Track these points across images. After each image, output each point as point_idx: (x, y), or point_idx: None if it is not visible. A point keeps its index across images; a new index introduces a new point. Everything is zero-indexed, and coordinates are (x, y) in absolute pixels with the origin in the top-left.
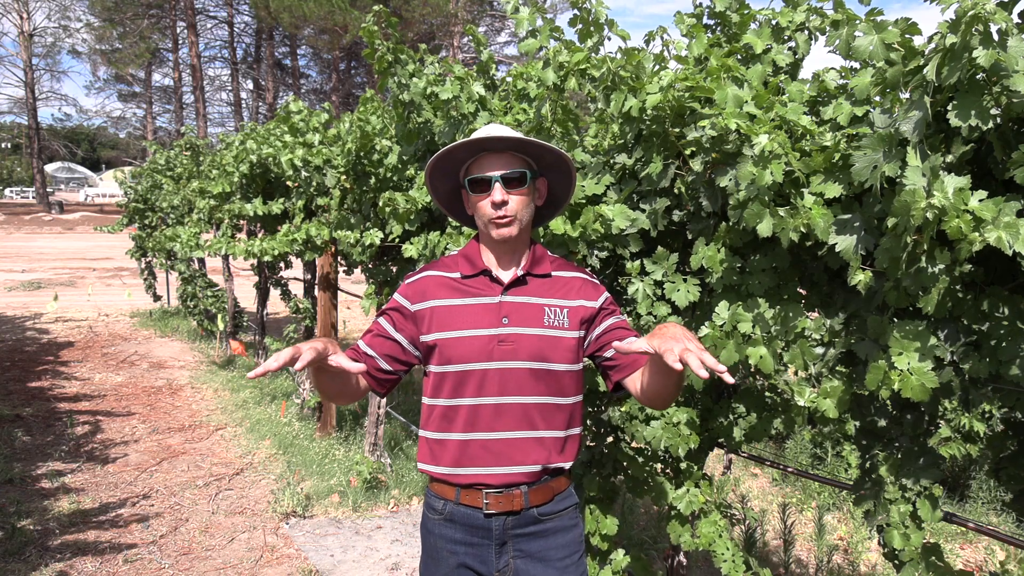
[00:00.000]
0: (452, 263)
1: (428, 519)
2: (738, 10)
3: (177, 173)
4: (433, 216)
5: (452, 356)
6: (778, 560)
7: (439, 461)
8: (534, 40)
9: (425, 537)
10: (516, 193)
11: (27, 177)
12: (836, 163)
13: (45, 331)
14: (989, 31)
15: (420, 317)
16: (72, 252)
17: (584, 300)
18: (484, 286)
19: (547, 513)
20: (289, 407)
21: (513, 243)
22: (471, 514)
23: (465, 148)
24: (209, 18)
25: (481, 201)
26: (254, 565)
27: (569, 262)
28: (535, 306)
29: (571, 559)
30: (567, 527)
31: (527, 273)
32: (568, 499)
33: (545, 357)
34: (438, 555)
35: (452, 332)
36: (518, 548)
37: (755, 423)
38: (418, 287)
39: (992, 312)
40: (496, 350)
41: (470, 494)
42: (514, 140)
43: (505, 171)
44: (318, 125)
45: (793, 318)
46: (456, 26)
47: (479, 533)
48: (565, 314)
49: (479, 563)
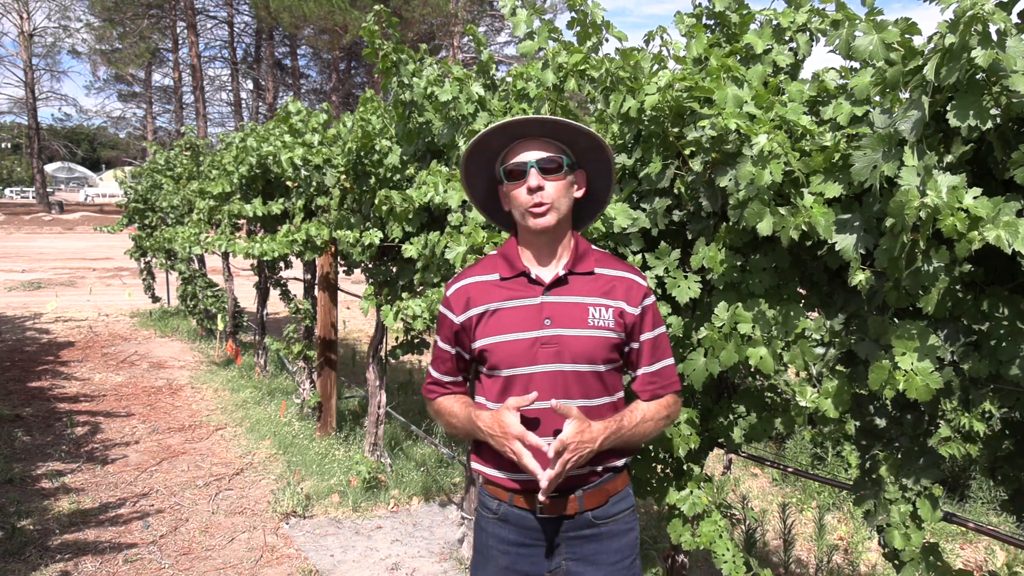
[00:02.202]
0: (491, 264)
1: (482, 517)
2: (737, 10)
3: (177, 173)
4: (433, 216)
5: (497, 361)
6: (778, 560)
7: (494, 465)
8: (532, 42)
9: (478, 534)
10: (553, 179)
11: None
12: (836, 163)
13: (45, 331)
14: (988, 31)
15: (467, 326)
16: (72, 252)
17: (626, 304)
18: (524, 287)
19: (602, 517)
20: (289, 407)
21: (552, 236)
22: (524, 516)
23: (498, 133)
24: (209, 18)
25: (517, 189)
26: (254, 565)
27: (615, 257)
28: (578, 306)
29: (623, 563)
30: (622, 531)
31: (569, 272)
32: (624, 501)
33: (591, 358)
34: (488, 553)
35: (495, 337)
36: (571, 551)
37: (755, 423)
38: (460, 295)
39: (992, 312)
40: (540, 353)
41: (523, 497)
42: (548, 123)
43: (541, 155)
44: (317, 125)
45: (793, 318)
46: (456, 26)
47: (532, 535)
48: (609, 314)
49: (530, 564)
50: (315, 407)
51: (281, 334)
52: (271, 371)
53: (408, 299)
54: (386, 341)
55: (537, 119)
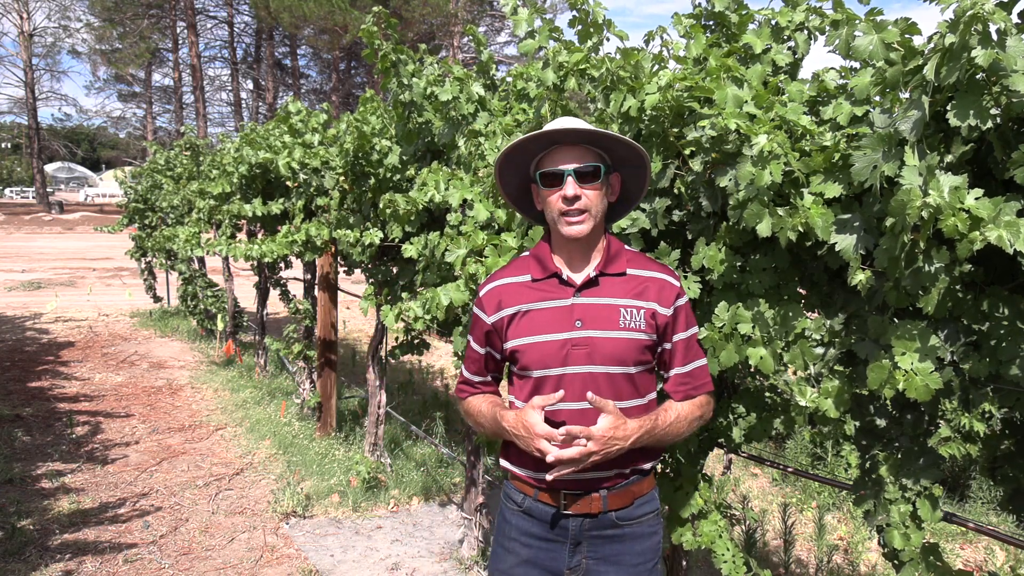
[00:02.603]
0: (523, 265)
1: (506, 508)
2: (736, 10)
3: (177, 173)
4: (433, 216)
5: (528, 362)
6: (778, 560)
7: (521, 463)
8: (533, 41)
9: (501, 524)
10: (590, 188)
11: (27, 177)
12: (836, 163)
13: (45, 331)
14: (988, 31)
15: (498, 327)
16: (72, 252)
17: (658, 305)
18: (555, 288)
19: (625, 519)
20: (289, 407)
21: (585, 240)
22: (548, 511)
23: (536, 141)
24: (209, 18)
25: (552, 195)
26: (254, 565)
27: (648, 257)
28: (610, 307)
29: (645, 566)
30: (646, 534)
31: (600, 273)
32: (649, 504)
33: (622, 360)
34: (509, 544)
35: (527, 338)
36: (593, 550)
37: (755, 423)
38: (493, 296)
39: (992, 312)
40: (571, 354)
41: (548, 492)
42: (587, 132)
43: (579, 165)
44: (317, 126)
45: (793, 318)
46: (456, 26)
47: (555, 531)
48: (641, 315)
49: (550, 559)
50: (315, 407)
51: (281, 334)
52: (271, 371)
53: (408, 299)
54: (386, 341)
55: (579, 130)
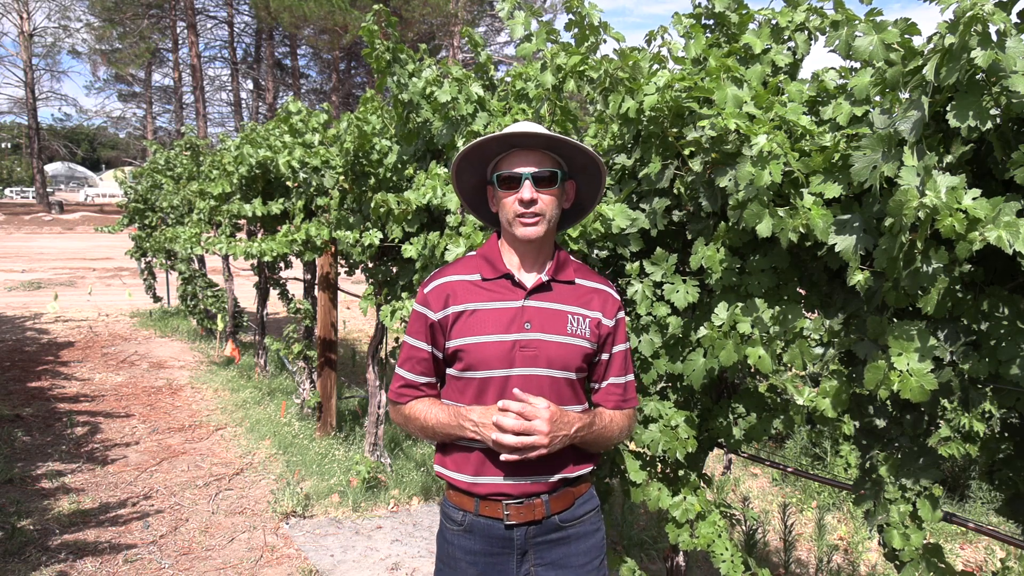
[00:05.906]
0: (472, 264)
1: (446, 528)
2: (736, 10)
3: (177, 173)
4: (433, 216)
5: (473, 362)
6: (778, 560)
7: (460, 468)
8: (530, 43)
9: (442, 546)
10: (546, 192)
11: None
12: (835, 163)
13: (45, 331)
14: (988, 31)
15: (443, 324)
16: (72, 252)
17: (603, 316)
18: (506, 290)
19: (568, 520)
20: (289, 407)
21: (538, 244)
22: (491, 525)
23: (496, 143)
24: (209, 18)
25: (508, 197)
26: (254, 565)
27: (591, 270)
28: (559, 313)
29: (592, 564)
30: (589, 532)
31: (552, 279)
32: (589, 502)
33: (566, 365)
34: (455, 564)
35: (473, 338)
36: (539, 556)
37: (755, 423)
38: (440, 292)
39: (992, 312)
40: (518, 356)
41: (489, 505)
42: (547, 138)
43: (536, 169)
44: (317, 125)
45: (792, 318)
46: (456, 26)
47: (499, 544)
48: (587, 323)
49: (497, 573)
50: (315, 407)
51: (281, 334)
52: (271, 371)
53: (408, 299)
54: (386, 341)
55: (540, 135)
